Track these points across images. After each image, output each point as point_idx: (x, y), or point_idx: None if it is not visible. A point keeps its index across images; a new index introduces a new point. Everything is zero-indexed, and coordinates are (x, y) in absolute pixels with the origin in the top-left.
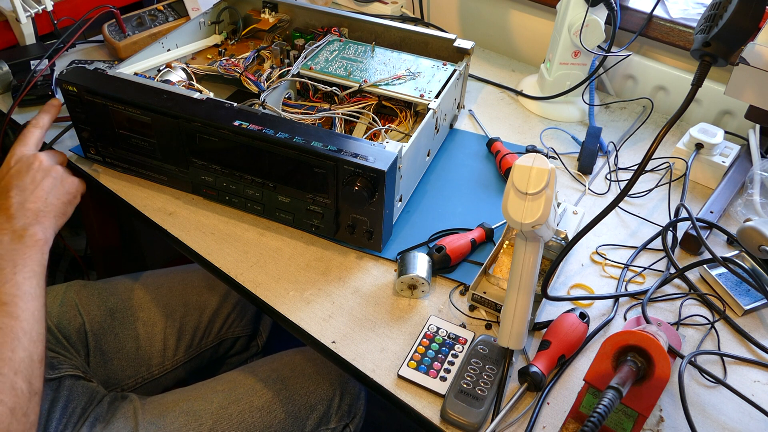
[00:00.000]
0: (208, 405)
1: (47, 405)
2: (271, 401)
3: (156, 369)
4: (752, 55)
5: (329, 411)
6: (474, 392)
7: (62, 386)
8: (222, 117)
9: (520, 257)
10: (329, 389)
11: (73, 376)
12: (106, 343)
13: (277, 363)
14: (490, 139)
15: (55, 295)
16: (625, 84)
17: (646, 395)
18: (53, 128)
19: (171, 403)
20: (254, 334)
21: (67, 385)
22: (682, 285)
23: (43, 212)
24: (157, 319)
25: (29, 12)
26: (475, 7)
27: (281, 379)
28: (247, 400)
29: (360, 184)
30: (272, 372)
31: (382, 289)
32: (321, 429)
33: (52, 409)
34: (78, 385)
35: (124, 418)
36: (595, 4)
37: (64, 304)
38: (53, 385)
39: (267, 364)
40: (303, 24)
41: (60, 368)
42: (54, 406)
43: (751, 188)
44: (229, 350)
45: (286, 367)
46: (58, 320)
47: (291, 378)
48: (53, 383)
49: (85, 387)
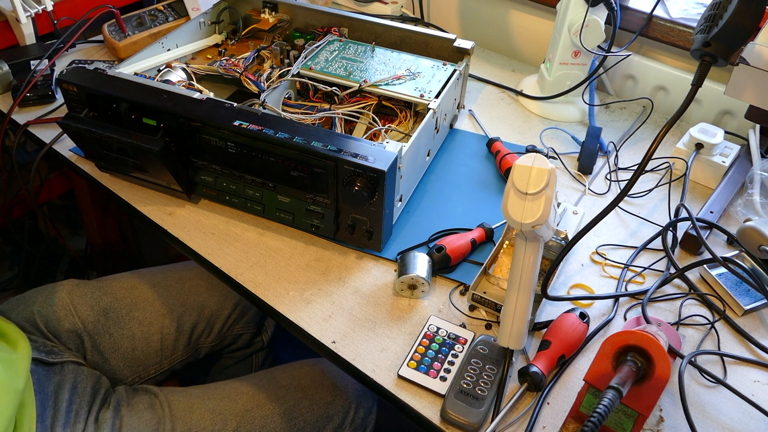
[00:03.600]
0: (234, 406)
1: (53, 387)
2: (293, 409)
3: (153, 368)
4: (752, 55)
5: (344, 422)
6: (474, 392)
7: (66, 369)
8: (222, 117)
9: (520, 257)
10: (346, 401)
11: (74, 362)
12: (102, 342)
13: (298, 371)
14: (490, 139)
15: (47, 294)
16: (625, 84)
17: (646, 395)
18: (53, 128)
19: (196, 399)
20: (258, 331)
21: (71, 369)
22: (682, 285)
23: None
24: (154, 318)
25: (29, 12)
26: (475, 7)
27: (302, 388)
28: (270, 406)
29: (360, 184)
30: (293, 380)
31: (382, 289)
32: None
33: (59, 390)
34: (82, 370)
35: (150, 409)
36: (595, 4)
37: (54, 304)
38: (56, 368)
39: (288, 372)
40: (303, 24)
41: (61, 354)
42: (61, 387)
43: (751, 188)
44: (230, 345)
45: (306, 376)
46: (48, 320)
47: (311, 388)
48: (56, 367)
49: (89, 372)
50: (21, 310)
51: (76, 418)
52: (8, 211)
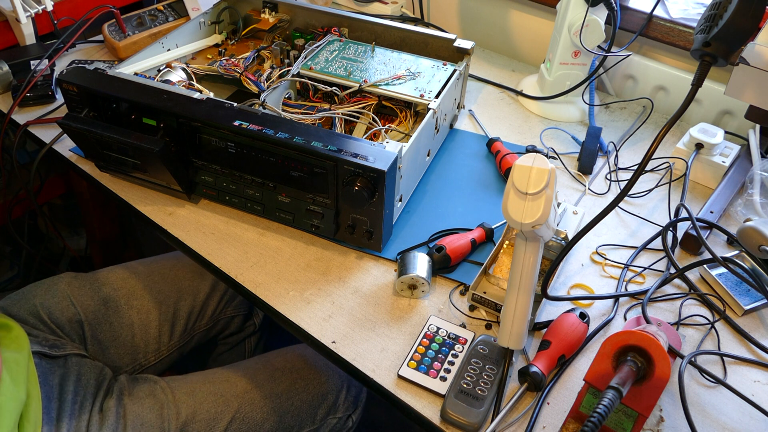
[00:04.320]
0: (234, 388)
1: (57, 380)
2: (289, 389)
3: (152, 355)
4: (752, 55)
5: (338, 401)
6: (474, 392)
7: (69, 362)
8: (222, 117)
9: (520, 257)
10: (338, 381)
11: (78, 355)
12: (102, 332)
13: (291, 354)
14: (490, 139)
15: (47, 287)
16: (625, 84)
17: (646, 395)
18: (53, 128)
19: (197, 384)
20: (249, 313)
21: (74, 362)
22: (682, 285)
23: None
24: (151, 306)
25: (29, 12)
26: (475, 7)
27: (296, 370)
28: (268, 387)
29: (360, 184)
30: (287, 362)
31: (382, 289)
32: (329, 417)
33: (63, 382)
34: (85, 362)
35: (152, 396)
36: (595, 4)
37: (56, 295)
38: (60, 362)
39: (281, 355)
40: (303, 24)
41: (64, 347)
42: (66, 379)
43: (751, 188)
44: (224, 330)
45: (300, 358)
46: (51, 312)
47: (305, 369)
48: (59, 360)
49: (92, 364)
50: (23, 303)
51: (81, 410)
52: (8, 211)
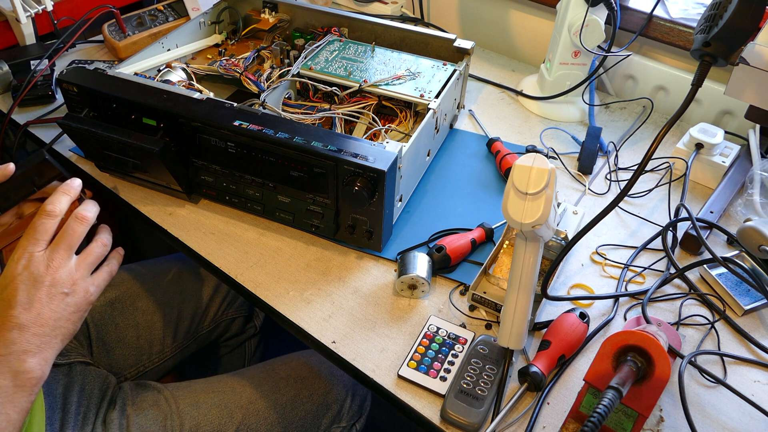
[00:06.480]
0: (238, 398)
1: (61, 389)
2: (294, 399)
3: (156, 357)
4: (752, 55)
5: (342, 410)
6: (474, 392)
7: (73, 371)
8: (222, 117)
9: (520, 257)
10: (343, 390)
11: (82, 363)
12: (107, 333)
13: (295, 363)
14: (490, 139)
15: None
16: (625, 84)
17: (646, 395)
18: (53, 128)
19: (201, 393)
20: (250, 315)
21: (78, 370)
22: (682, 285)
23: (49, 338)
24: (156, 307)
25: (29, 12)
26: (475, 7)
27: (301, 379)
28: (273, 397)
29: (360, 184)
30: (291, 371)
31: (382, 289)
32: (333, 427)
33: (67, 392)
34: (89, 371)
35: (156, 406)
36: (595, 4)
37: None
38: (64, 370)
39: (285, 363)
40: (303, 24)
41: (69, 355)
42: (70, 390)
43: (751, 188)
44: (225, 332)
45: (304, 367)
46: None
47: (309, 378)
48: (64, 368)
49: (96, 372)
50: None
51: (84, 421)
52: None
